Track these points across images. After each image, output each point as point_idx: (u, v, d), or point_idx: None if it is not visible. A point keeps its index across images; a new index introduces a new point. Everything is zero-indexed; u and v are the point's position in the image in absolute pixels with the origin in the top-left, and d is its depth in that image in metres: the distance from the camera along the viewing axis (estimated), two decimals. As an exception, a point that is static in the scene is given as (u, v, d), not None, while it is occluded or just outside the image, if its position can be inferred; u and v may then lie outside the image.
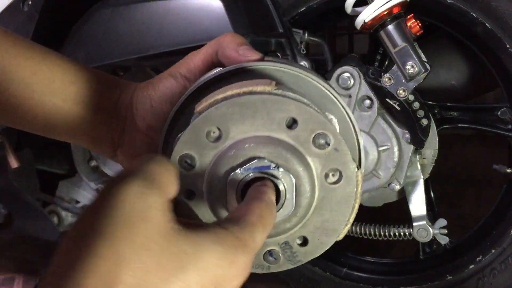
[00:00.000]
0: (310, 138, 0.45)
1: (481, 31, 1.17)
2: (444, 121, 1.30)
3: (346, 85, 1.18)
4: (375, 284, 1.37)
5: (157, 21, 1.15)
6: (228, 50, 0.54)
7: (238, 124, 0.44)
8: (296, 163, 0.45)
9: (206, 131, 0.45)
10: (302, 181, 0.46)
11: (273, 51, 1.17)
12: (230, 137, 0.45)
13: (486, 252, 1.25)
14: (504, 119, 1.25)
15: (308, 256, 0.51)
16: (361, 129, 1.18)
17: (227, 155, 0.45)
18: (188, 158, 0.46)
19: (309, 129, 0.45)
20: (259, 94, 0.45)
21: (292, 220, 0.47)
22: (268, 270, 0.52)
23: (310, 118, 0.45)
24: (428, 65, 1.13)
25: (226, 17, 1.09)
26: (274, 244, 0.50)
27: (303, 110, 0.45)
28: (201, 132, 0.45)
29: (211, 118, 0.44)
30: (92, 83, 0.58)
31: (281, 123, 0.45)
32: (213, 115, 0.44)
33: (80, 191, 1.50)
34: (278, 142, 0.45)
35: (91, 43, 1.24)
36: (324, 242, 0.51)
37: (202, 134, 0.45)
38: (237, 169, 0.44)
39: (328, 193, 0.47)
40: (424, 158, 1.25)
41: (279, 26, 1.18)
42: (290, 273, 1.46)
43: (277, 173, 0.45)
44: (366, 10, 1.12)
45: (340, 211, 0.48)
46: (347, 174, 0.47)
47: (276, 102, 0.44)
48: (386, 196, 1.29)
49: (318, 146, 0.45)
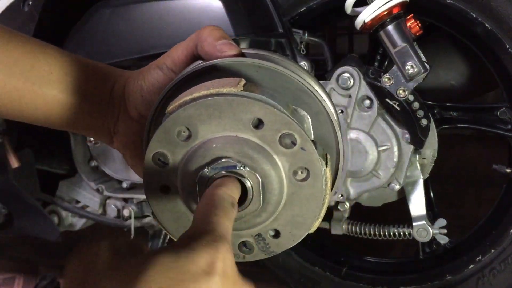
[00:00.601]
0: (276, 138, 0.47)
1: (481, 31, 1.17)
2: (444, 121, 1.31)
3: (346, 85, 1.18)
4: (375, 284, 1.38)
5: (157, 21, 1.15)
6: (206, 44, 0.54)
7: (206, 124, 0.46)
8: (263, 162, 0.47)
9: (176, 131, 0.47)
10: (270, 179, 0.48)
11: (273, 51, 1.17)
12: (199, 137, 0.47)
13: (486, 252, 1.25)
14: (504, 119, 1.25)
15: (281, 247, 0.54)
16: (361, 129, 1.18)
17: (196, 154, 0.47)
18: (161, 156, 0.48)
19: (275, 129, 0.46)
20: (225, 96, 0.46)
21: (262, 215, 0.50)
22: (244, 259, 0.54)
23: (275, 119, 0.46)
24: (428, 65, 1.13)
25: (226, 17, 1.10)
26: (248, 236, 0.52)
27: (268, 111, 0.46)
28: (172, 131, 0.47)
29: (180, 119, 0.47)
30: (87, 73, 0.60)
31: (247, 123, 0.46)
32: (182, 116, 0.46)
33: (80, 191, 1.50)
34: (245, 141, 0.47)
35: (91, 43, 1.24)
36: (296, 235, 0.53)
37: (172, 134, 0.47)
38: (205, 168, 0.47)
39: (297, 189, 0.49)
40: (423, 158, 1.26)
41: (279, 26, 1.18)
42: (290, 273, 1.46)
43: (243, 172, 0.47)
44: (366, 11, 1.12)
45: (310, 206, 0.50)
46: (314, 172, 0.48)
47: (241, 103, 0.46)
48: (386, 196, 1.29)
49: (284, 146, 0.47)
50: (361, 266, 1.42)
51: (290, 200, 0.50)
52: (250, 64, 0.51)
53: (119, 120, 0.60)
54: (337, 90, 1.19)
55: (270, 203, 0.49)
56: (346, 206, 1.24)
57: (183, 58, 0.57)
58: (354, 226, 1.28)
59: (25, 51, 0.58)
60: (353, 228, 1.28)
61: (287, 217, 0.51)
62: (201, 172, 0.47)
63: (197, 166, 0.47)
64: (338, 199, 1.22)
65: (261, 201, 0.48)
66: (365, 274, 1.40)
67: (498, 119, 1.26)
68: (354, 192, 1.23)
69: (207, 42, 0.54)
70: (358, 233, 1.28)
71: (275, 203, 0.49)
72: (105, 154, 1.48)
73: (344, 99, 1.19)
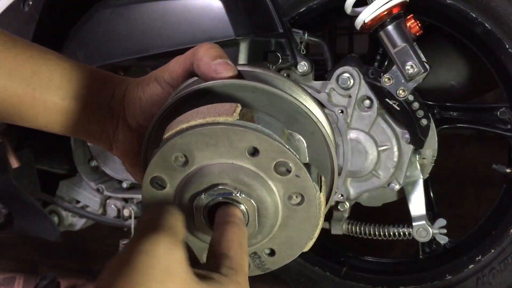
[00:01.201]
0: (272, 165, 0.48)
1: (480, 31, 1.17)
2: (444, 121, 1.31)
3: (346, 85, 1.18)
4: (375, 283, 1.38)
5: (157, 21, 1.15)
6: (201, 64, 0.54)
7: (203, 151, 0.48)
8: (258, 188, 0.48)
9: (173, 157, 0.48)
10: (265, 204, 0.49)
11: (273, 51, 1.17)
12: (195, 163, 0.48)
13: (486, 252, 1.25)
14: (504, 119, 1.25)
15: (276, 265, 0.56)
16: (361, 129, 1.18)
17: (193, 180, 0.48)
18: (159, 180, 0.49)
19: (270, 157, 0.48)
20: (221, 125, 0.47)
21: (258, 237, 0.52)
22: None
23: (270, 147, 0.47)
24: (428, 65, 1.13)
25: (226, 17, 1.10)
26: None
27: (263, 140, 0.47)
28: (169, 157, 0.48)
29: (177, 145, 0.48)
30: (88, 80, 0.60)
31: (243, 151, 0.47)
32: (179, 143, 0.48)
33: (80, 191, 1.50)
34: (241, 169, 0.48)
35: (91, 43, 1.24)
36: (290, 254, 0.55)
37: (170, 159, 0.48)
38: (202, 194, 0.48)
39: (292, 213, 0.51)
40: (423, 158, 1.26)
41: (279, 26, 1.18)
42: (290, 273, 1.46)
43: (239, 199, 0.48)
44: (365, 11, 1.12)
45: (304, 229, 0.52)
46: (308, 198, 0.49)
47: (237, 133, 0.47)
48: (386, 196, 1.29)
49: (279, 173, 0.48)
50: (361, 266, 1.42)
51: (285, 223, 0.51)
52: (246, 86, 0.52)
53: (118, 128, 0.60)
54: (337, 90, 1.19)
55: (265, 226, 0.51)
56: (346, 206, 1.24)
57: (180, 73, 0.57)
58: (354, 226, 1.28)
59: (26, 57, 0.58)
60: (353, 228, 1.28)
61: (282, 238, 0.53)
62: (197, 198, 0.48)
63: (194, 192, 0.48)
64: (338, 199, 1.22)
65: (257, 225, 0.50)
66: (365, 274, 1.40)
67: (498, 119, 1.26)
68: (354, 192, 1.23)
69: (203, 61, 0.54)
70: (358, 233, 1.28)
71: (270, 226, 0.51)
72: (105, 154, 1.48)
73: (344, 99, 1.19)
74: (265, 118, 0.51)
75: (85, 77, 0.60)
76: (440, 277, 1.31)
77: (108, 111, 0.60)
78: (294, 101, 0.52)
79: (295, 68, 1.20)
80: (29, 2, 1.23)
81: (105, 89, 0.60)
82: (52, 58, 0.59)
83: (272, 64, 1.17)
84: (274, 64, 1.17)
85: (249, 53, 1.12)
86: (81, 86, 0.59)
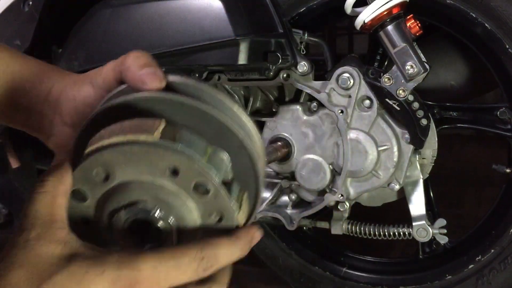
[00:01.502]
0: (191, 185, 0.48)
1: (480, 31, 1.17)
2: (444, 121, 1.31)
3: (346, 85, 1.18)
4: (374, 283, 1.38)
5: (157, 21, 1.15)
6: (129, 73, 0.54)
7: (123, 168, 0.48)
8: (177, 207, 0.49)
9: (94, 172, 0.48)
10: (184, 222, 0.50)
11: (273, 51, 1.17)
12: (116, 179, 0.48)
13: (486, 251, 1.25)
14: (503, 119, 1.26)
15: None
16: (361, 129, 1.19)
17: (114, 195, 0.49)
18: (80, 192, 0.49)
19: (189, 177, 0.48)
20: (142, 144, 0.47)
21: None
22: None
23: (189, 168, 0.48)
24: (428, 66, 1.13)
25: (226, 17, 1.10)
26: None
27: (183, 161, 0.48)
28: (90, 172, 0.48)
29: (97, 161, 0.48)
30: (26, 71, 0.61)
31: (164, 170, 0.48)
32: (99, 159, 0.48)
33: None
34: (161, 187, 0.48)
35: (91, 43, 1.24)
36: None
37: (90, 174, 0.48)
38: (120, 211, 0.49)
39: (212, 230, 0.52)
40: (423, 158, 1.26)
41: (279, 26, 1.18)
42: (290, 273, 1.46)
43: (158, 216, 0.49)
44: (365, 11, 1.12)
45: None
46: (227, 217, 0.50)
47: (157, 153, 0.47)
48: (386, 196, 1.29)
49: (199, 193, 0.49)
50: (361, 266, 1.43)
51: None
52: (171, 101, 0.51)
53: (54, 122, 0.61)
54: (337, 90, 1.19)
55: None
56: (346, 206, 1.24)
57: (112, 79, 0.57)
58: (354, 226, 1.28)
59: None
60: (353, 228, 1.28)
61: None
62: (116, 214, 0.49)
63: (114, 208, 0.49)
64: (338, 199, 1.22)
65: (175, 243, 0.50)
66: (365, 274, 1.40)
67: (497, 119, 1.27)
68: (354, 192, 1.23)
69: (131, 70, 0.54)
70: (358, 233, 1.28)
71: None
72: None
73: (344, 99, 1.19)
74: (188, 136, 0.51)
75: (24, 68, 0.61)
76: (440, 277, 1.31)
77: (44, 104, 0.61)
78: (220, 116, 0.52)
79: (295, 68, 1.20)
80: (29, 2, 1.23)
81: (43, 82, 0.61)
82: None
83: (272, 64, 1.17)
84: (274, 64, 1.17)
85: (249, 53, 1.12)
86: (19, 75, 0.60)
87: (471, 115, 1.30)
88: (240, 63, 1.12)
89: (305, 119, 1.22)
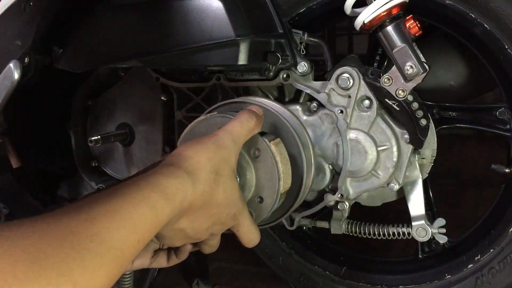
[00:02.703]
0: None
1: (480, 32, 1.17)
2: (443, 121, 1.31)
3: (345, 85, 1.19)
4: (374, 283, 1.38)
5: (157, 22, 1.15)
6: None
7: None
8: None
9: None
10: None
11: (272, 52, 1.17)
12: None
13: (485, 251, 1.26)
14: (503, 119, 1.26)
15: (266, 209, 0.93)
16: (360, 129, 1.19)
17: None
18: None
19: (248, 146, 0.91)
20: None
21: (246, 191, 0.90)
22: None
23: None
24: (427, 66, 1.13)
25: (226, 17, 1.10)
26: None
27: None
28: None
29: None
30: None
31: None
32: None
33: (81, 191, 1.51)
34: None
35: (91, 43, 1.24)
36: (272, 199, 0.91)
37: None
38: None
39: (257, 164, 0.91)
40: (423, 158, 1.26)
41: (279, 27, 1.18)
42: (289, 272, 1.47)
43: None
44: (365, 11, 1.12)
45: (271, 173, 0.90)
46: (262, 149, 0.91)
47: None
48: (385, 196, 1.30)
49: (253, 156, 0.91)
50: (360, 265, 1.43)
51: (257, 174, 0.89)
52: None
53: None
54: (337, 90, 1.20)
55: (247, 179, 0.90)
56: (345, 206, 1.25)
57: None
58: (353, 226, 1.29)
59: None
60: (353, 227, 1.29)
61: (261, 186, 0.89)
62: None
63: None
64: (338, 199, 1.22)
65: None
66: (365, 274, 1.40)
67: (497, 119, 1.27)
68: (354, 192, 1.23)
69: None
70: (358, 232, 1.29)
71: (250, 179, 0.90)
72: (106, 154, 1.48)
73: (344, 99, 1.20)
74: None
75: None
76: (439, 276, 1.31)
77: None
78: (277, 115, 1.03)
79: (295, 68, 1.21)
80: (30, 2, 1.23)
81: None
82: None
83: (272, 64, 1.17)
84: (274, 64, 1.17)
85: (249, 54, 1.13)
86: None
87: (470, 115, 1.30)
88: (240, 63, 1.12)
89: (304, 119, 1.23)
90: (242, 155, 0.81)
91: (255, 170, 0.88)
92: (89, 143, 1.43)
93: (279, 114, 1.02)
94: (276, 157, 0.89)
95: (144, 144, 1.42)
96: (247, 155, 0.87)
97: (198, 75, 1.32)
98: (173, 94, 1.36)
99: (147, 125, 1.41)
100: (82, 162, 1.49)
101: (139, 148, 1.43)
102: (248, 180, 0.88)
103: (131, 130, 1.43)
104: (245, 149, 0.86)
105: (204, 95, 1.34)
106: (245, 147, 0.86)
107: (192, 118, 1.35)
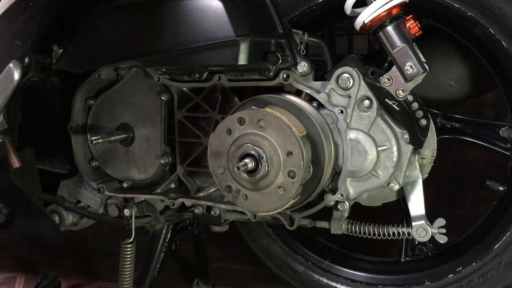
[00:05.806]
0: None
1: (480, 32, 1.18)
2: (445, 130, 1.31)
3: (345, 85, 1.19)
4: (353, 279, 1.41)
5: (157, 22, 1.15)
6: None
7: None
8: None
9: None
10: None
11: (273, 52, 1.17)
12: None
13: (467, 264, 1.29)
14: (504, 138, 1.26)
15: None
16: (360, 129, 1.19)
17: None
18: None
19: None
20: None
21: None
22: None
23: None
24: (427, 66, 1.13)
25: (226, 17, 1.10)
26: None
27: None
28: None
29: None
30: None
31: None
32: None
33: (81, 191, 1.50)
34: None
35: (91, 43, 1.24)
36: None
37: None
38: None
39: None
40: (423, 158, 1.26)
41: (279, 27, 1.18)
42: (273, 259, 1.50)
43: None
44: (365, 11, 1.12)
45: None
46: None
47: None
48: (385, 196, 1.30)
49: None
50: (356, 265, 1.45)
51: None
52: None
53: None
54: (337, 90, 1.20)
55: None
56: (345, 206, 1.25)
57: None
58: (353, 225, 1.29)
59: None
60: (353, 227, 1.29)
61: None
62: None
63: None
64: (338, 199, 1.22)
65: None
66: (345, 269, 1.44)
67: (498, 137, 1.27)
68: (354, 192, 1.23)
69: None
70: (357, 232, 1.29)
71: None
72: (106, 154, 1.48)
73: (344, 99, 1.20)
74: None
75: None
76: (418, 282, 1.33)
77: None
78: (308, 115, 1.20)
79: (295, 68, 1.21)
80: (30, 3, 1.24)
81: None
82: None
83: (272, 64, 1.18)
84: (274, 64, 1.17)
85: (249, 54, 1.13)
86: None
87: (473, 128, 1.30)
88: (240, 63, 1.12)
89: (305, 119, 1.23)
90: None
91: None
92: (89, 143, 1.43)
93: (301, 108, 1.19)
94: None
95: (144, 144, 1.42)
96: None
97: (198, 75, 1.32)
98: (173, 94, 1.36)
99: (147, 125, 1.41)
100: (82, 162, 1.49)
101: (139, 148, 1.43)
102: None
103: (131, 130, 1.43)
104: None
105: (204, 95, 1.34)
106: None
107: (192, 118, 1.35)
